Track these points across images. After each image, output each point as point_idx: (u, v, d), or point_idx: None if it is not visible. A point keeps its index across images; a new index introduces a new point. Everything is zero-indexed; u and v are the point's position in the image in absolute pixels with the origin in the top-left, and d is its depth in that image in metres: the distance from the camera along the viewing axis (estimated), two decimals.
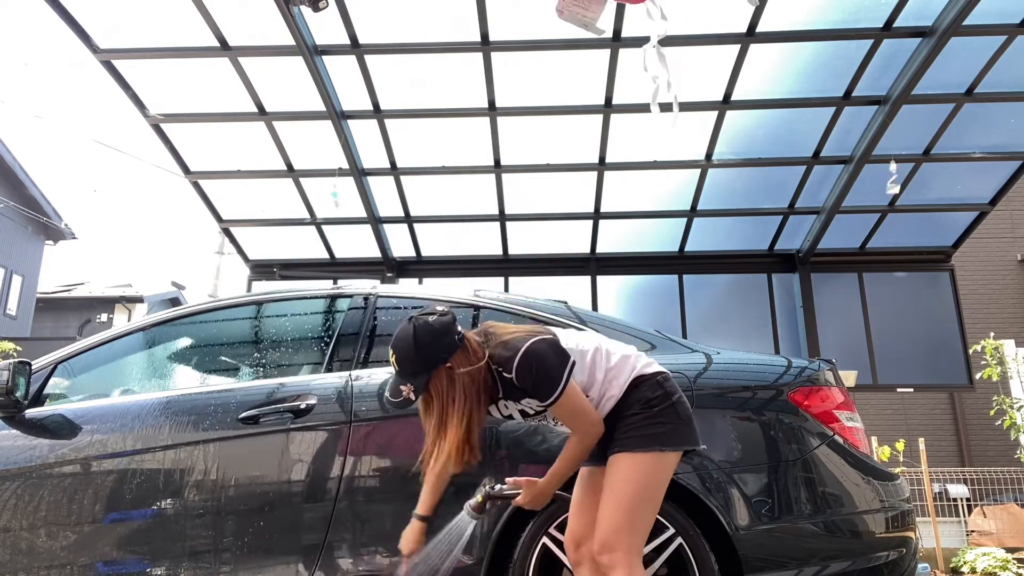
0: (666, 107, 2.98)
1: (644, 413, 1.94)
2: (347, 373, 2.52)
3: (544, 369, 1.87)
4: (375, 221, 7.17)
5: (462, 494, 2.13)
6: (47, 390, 2.61)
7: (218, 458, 2.38)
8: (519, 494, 2.03)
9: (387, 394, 1.94)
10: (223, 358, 3.12)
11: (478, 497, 2.04)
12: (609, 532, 1.86)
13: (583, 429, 1.94)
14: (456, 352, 1.88)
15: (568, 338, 2.03)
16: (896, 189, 6.33)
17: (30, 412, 2.50)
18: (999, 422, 7.38)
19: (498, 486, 2.08)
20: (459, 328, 1.94)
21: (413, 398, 1.88)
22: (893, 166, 6.21)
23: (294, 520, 2.32)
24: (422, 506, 2.11)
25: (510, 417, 2.06)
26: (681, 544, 2.17)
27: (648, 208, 7.28)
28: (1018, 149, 6.59)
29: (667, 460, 1.93)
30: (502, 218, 7.21)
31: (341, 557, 2.28)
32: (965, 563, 6.62)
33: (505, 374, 1.89)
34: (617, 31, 5.19)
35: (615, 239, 7.62)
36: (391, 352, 1.89)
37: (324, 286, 3.19)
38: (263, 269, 7.91)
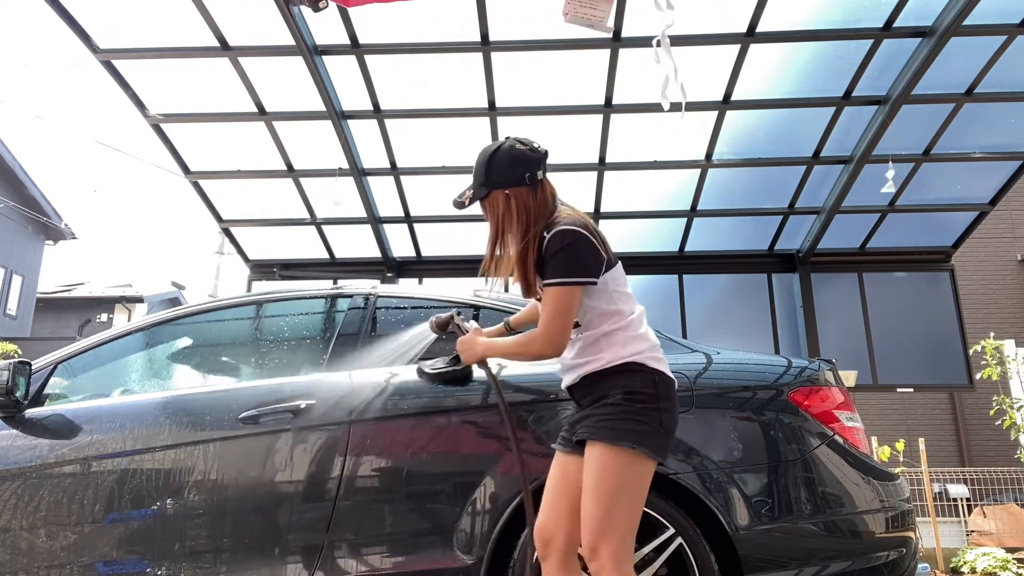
0: (676, 106, 2.98)
1: (625, 405, 1.84)
2: (347, 373, 2.52)
3: (570, 252, 1.87)
4: (375, 221, 7.17)
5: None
6: (47, 390, 2.61)
7: (218, 458, 2.38)
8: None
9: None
10: (223, 358, 3.12)
11: (444, 316, 2.21)
12: (592, 535, 1.79)
13: (544, 337, 1.88)
14: (521, 187, 1.94)
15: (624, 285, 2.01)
16: (892, 189, 6.33)
17: (30, 412, 2.50)
18: (999, 422, 7.38)
19: (466, 324, 2.21)
20: (541, 174, 1.97)
21: (467, 204, 2.01)
22: (890, 173, 6.22)
23: (294, 520, 2.32)
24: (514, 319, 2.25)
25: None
26: (681, 544, 2.17)
27: (648, 208, 7.28)
28: (1018, 149, 6.59)
29: (638, 461, 1.82)
30: None
31: (341, 557, 2.28)
32: (965, 563, 6.62)
33: (544, 234, 1.91)
34: (617, 31, 5.18)
35: (615, 239, 7.47)
36: None
37: (324, 286, 3.19)
38: (263, 269, 7.91)
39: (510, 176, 1.95)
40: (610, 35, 3.48)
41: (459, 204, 2.02)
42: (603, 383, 1.90)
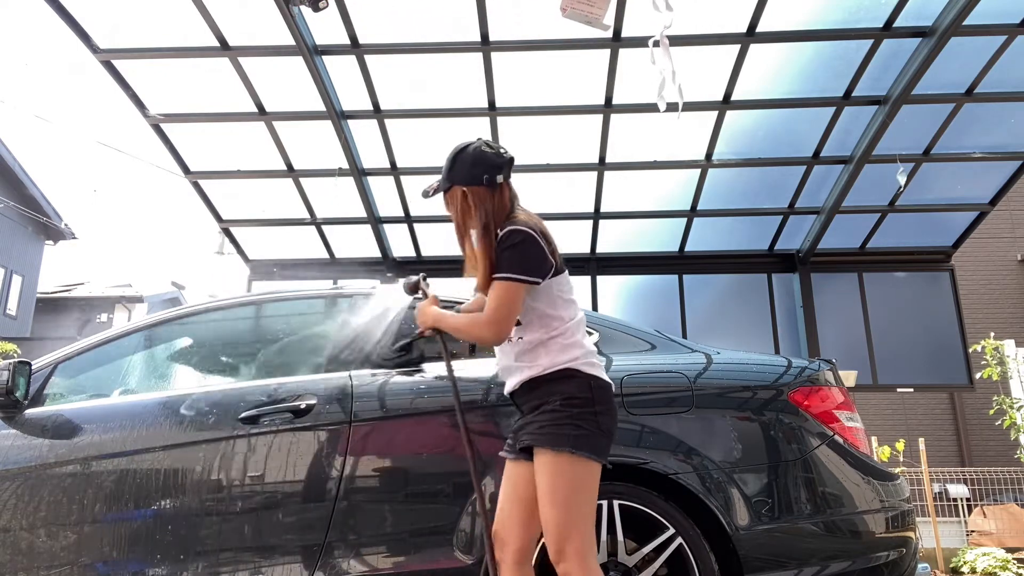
0: (672, 106, 2.98)
1: (563, 411, 1.92)
2: (347, 373, 2.52)
3: (519, 250, 1.97)
4: (375, 221, 7.17)
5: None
6: (47, 390, 2.60)
7: (218, 458, 2.38)
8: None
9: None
10: (223, 358, 3.12)
11: (414, 278, 2.35)
12: (555, 539, 1.86)
13: (489, 322, 1.97)
14: (479, 187, 2.06)
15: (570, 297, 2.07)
16: (902, 180, 6.30)
17: (30, 412, 2.50)
18: (999, 422, 7.38)
19: (430, 289, 2.33)
20: (501, 178, 2.08)
21: (430, 195, 2.16)
22: (901, 171, 6.23)
23: (294, 520, 2.31)
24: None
25: None
26: (681, 544, 2.17)
27: (648, 208, 7.28)
28: (1018, 149, 6.59)
29: (579, 464, 1.89)
30: None
31: (341, 557, 2.28)
32: (965, 563, 6.63)
33: (498, 232, 2.02)
34: (617, 31, 5.18)
35: (615, 239, 7.61)
36: None
37: (324, 286, 3.19)
38: (263, 269, 7.92)
39: (470, 175, 2.07)
40: (607, 33, 3.48)
41: (425, 194, 2.18)
42: (541, 390, 1.98)
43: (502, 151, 2.12)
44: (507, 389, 2.10)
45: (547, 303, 2.02)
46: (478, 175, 2.07)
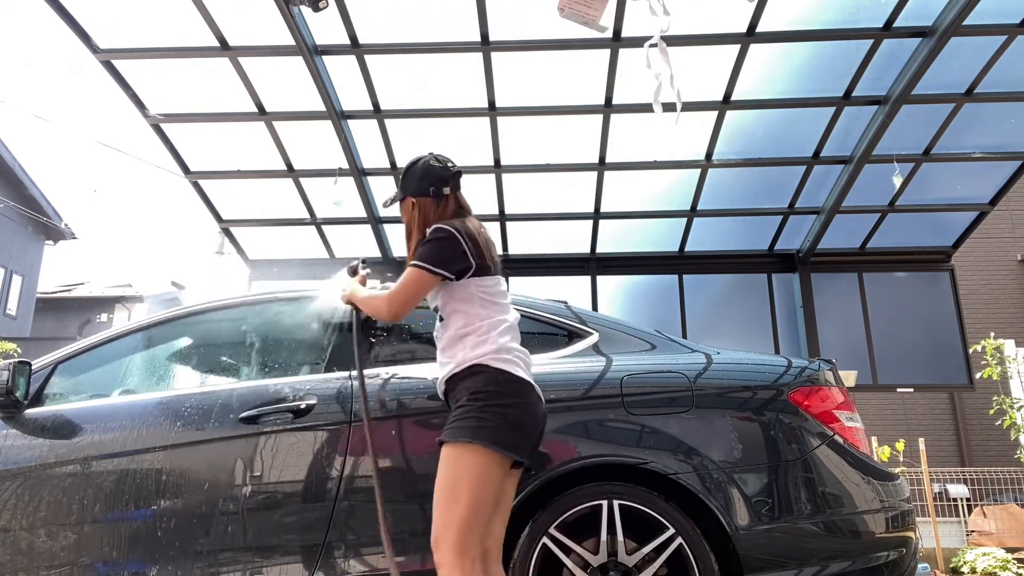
0: (669, 107, 2.98)
1: (469, 405, 1.96)
2: (347, 373, 2.52)
3: (434, 243, 2.10)
4: (375, 221, 7.17)
5: None
6: (47, 390, 2.60)
7: (218, 458, 2.38)
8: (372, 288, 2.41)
9: None
10: (223, 358, 3.12)
11: (353, 263, 2.53)
12: (435, 528, 1.91)
13: (387, 300, 2.15)
14: (426, 198, 2.22)
15: (499, 295, 2.15)
16: (899, 180, 6.31)
17: (30, 412, 2.50)
18: (999, 422, 7.39)
19: (364, 271, 2.51)
20: (447, 190, 2.23)
21: (387, 206, 2.33)
22: (897, 172, 6.23)
23: (294, 520, 2.31)
24: None
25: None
26: (681, 544, 2.17)
27: (648, 208, 7.29)
28: (1018, 149, 6.59)
29: (478, 455, 1.90)
30: (502, 218, 7.21)
31: (341, 557, 2.28)
32: (965, 563, 6.63)
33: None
34: (617, 31, 5.19)
35: (615, 239, 7.62)
36: None
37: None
38: (263, 269, 7.91)
39: (418, 187, 2.23)
40: (603, 34, 3.48)
41: (385, 204, 2.34)
42: (457, 388, 2.04)
43: (449, 164, 2.28)
44: (440, 392, 2.15)
45: (463, 300, 2.11)
46: (425, 187, 2.22)
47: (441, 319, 2.17)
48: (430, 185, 2.22)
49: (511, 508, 2.09)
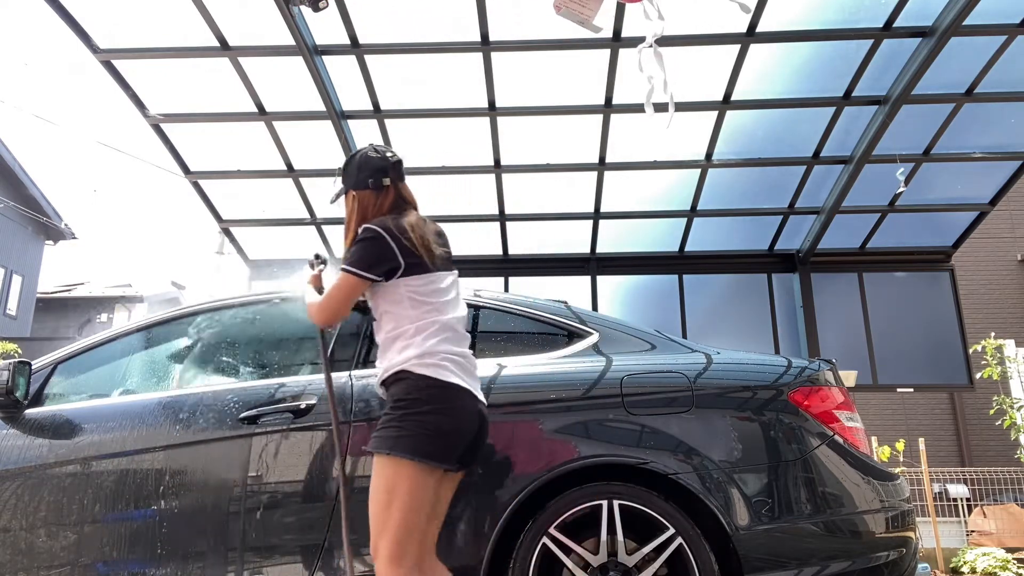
0: (661, 107, 2.98)
1: (391, 414, 1.96)
2: (347, 373, 2.52)
3: (361, 246, 2.05)
4: None
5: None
6: (47, 390, 2.60)
7: (218, 458, 2.38)
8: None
9: None
10: (223, 358, 3.11)
11: (312, 257, 2.50)
12: (372, 535, 1.93)
13: (320, 306, 2.11)
14: (365, 191, 2.16)
15: (447, 293, 2.11)
16: (902, 180, 6.32)
17: (30, 412, 2.50)
18: (999, 422, 7.38)
19: (319, 266, 2.45)
20: (387, 181, 2.16)
21: (332, 200, 2.28)
22: (900, 171, 6.24)
23: (294, 520, 2.31)
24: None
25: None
26: (681, 544, 2.17)
27: (648, 208, 7.29)
28: (1018, 149, 6.59)
29: (402, 465, 1.89)
30: (502, 218, 7.21)
31: (341, 557, 2.28)
32: (965, 563, 6.62)
33: None
34: (617, 31, 5.19)
35: (615, 239, 7.62)
36: None
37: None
38: (263, 269, 7.91)
39: (357, 179, 2.18)
40: (597, 35, 3.47)
41: (331, 201, 2.30)
42: (388, 394, 2.03)
43: (388, 154, 2.20)
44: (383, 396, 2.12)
45: (393, 302, 2.06)
46: (363, 179, 2.16)
47: (374, 320, 2.14)
48: (368, 177, 2.16)
49: (446, 511, 2.10)
